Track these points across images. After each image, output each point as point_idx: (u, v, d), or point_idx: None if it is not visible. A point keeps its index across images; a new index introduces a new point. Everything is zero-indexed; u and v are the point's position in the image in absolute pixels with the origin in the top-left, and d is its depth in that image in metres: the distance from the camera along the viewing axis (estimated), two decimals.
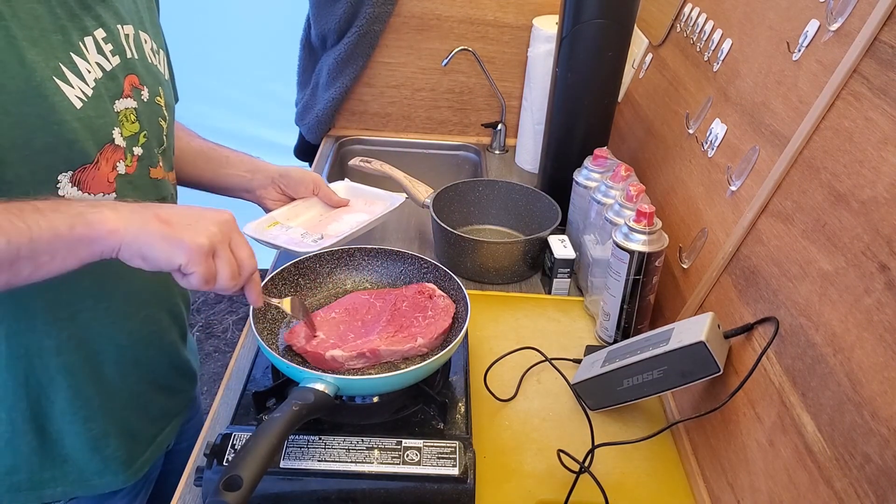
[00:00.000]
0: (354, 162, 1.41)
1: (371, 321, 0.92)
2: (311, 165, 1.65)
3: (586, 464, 0.79)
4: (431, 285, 0.96)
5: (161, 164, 0.90)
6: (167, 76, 0.94)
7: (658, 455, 0.89)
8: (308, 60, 1.71)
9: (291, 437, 0.77)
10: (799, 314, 0.69)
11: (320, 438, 0.77)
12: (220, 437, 0.77)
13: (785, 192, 0.77)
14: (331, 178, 1.55)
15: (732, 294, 0.84)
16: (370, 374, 0.85)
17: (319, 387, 0.76)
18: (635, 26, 1.22)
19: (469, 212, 1.37)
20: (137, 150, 0.84)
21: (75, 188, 0.76)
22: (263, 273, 0.92)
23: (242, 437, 0.77)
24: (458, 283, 0.94)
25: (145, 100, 0.86)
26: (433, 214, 1.25)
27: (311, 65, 1.71)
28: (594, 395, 0.93)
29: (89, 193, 0.77)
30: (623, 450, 0.88)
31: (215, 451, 0.75)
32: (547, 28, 1.51)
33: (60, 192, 0.74)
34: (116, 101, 0.80)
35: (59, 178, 0.74)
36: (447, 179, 1.38)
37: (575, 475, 0.80)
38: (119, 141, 0.80)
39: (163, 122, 0.91)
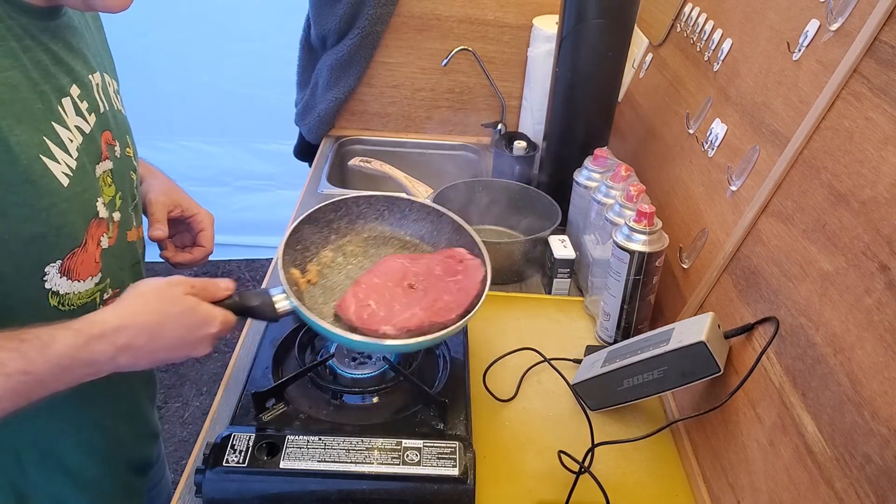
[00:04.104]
0: (354, 162, 1.42)
1: (412, 289, 0.91)
2: (311, 165, 1.65)
3: (586, 463, 0.79)
4: (461, 249, 0.95)
5: (134, 222, 0.81)
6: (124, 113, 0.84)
7: (658, 455, 0.89)
8: (308, 60, 1.71)
9: (291, 437, 0.77)
10: (799, 314, 0.69)
11: (320, 439, 0.77)
12: (219, 437, 0.77)
13: (785, 192, 0.77)
14: (331, 178, 1.56)
15: (732, 294, 0.84)
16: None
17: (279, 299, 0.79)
18: (635, 26, 1.22)
19: (469, 212, 1.37)
20: (116, 216, 0.76)
21: (64, 278, 0.68)
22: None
23: (242, 437, 0.77)
24: (480, 248, 0.94)
25: (118, 156, 0.77)
26: None
27: (310, 65, 1.71)
28: (594, 395, 0.93)
29: (78, 280, 0.70)
30: (623, 450, 0.88)
31: (215, 452, 0.75)
32: (547, 28, 1.51)
33: (47, 286, 0.67)
34: (96, 167, 0.72)
35: (46, 269, 0.66)
36: (447, 179, 1.38)
37: (575, 475, 0.80)
38: (102, 213, 0.72)
39: (133, 175, 0.82)
